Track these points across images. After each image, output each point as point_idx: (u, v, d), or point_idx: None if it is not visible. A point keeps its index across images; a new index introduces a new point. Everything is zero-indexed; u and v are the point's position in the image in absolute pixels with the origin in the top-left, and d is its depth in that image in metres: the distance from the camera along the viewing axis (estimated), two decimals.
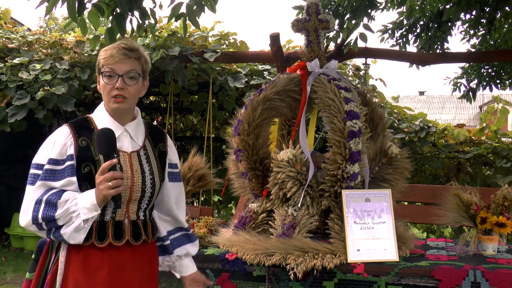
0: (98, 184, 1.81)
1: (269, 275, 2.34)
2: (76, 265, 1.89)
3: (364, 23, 4.56)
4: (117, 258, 1.93)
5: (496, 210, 2.44)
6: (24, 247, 7.46)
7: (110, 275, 1.90)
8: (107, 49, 1.96)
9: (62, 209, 1.83)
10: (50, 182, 1.88)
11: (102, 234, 1.91)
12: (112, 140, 1.86)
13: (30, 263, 2.69)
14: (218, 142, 7.40)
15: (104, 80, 1.94)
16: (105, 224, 1.92)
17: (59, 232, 1.86)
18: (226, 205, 7.85)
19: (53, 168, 1.89)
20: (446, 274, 2.14)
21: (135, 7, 3.58)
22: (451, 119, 29.31)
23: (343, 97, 2.54)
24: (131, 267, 1.96)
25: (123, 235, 1.94)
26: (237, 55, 5.90)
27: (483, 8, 5.25)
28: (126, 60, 1.93)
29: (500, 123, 6.39)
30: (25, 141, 8.32)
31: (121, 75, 1.92)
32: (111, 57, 1.92)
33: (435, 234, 6.41)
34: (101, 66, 1.95)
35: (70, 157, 1.89)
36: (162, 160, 2.07)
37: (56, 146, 1.90)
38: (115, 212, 1.93)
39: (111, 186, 1.80)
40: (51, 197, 1.84)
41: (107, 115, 1.99)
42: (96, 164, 1.89)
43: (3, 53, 6.17)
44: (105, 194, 1.80)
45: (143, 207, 2.00)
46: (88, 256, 1.90)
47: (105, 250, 1.91)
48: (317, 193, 2.51)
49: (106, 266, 1.90)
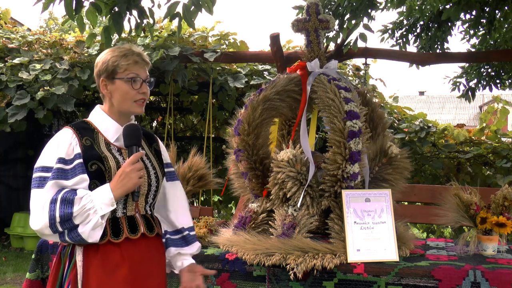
0: (129, 173, 1.87)
1: (269, 275, 2.34)
2: (96, 266, 1.88)
3: (364, 23, 4.57)
4: (135, 253, 1.93)
5: (496, 210, 2.44)
6: (24, 247, 7.46)
7: (131, 271, 1.90)
8: (125, 54, 1.98)
9: (79, 206, 1.82)
10: (62, 181, 1.87)
11: (117, 230, 1.91)
12: (139, 133, 1.98)
13: (30, 263, 2.69)
14: (218, 142, 7.40)
15: (127, 85, 1.98)
16: (118, 220, 1.93)
17: (76, 232, 1.84)
18: (226, 205, 7.85)
19: (63, 167, 1.88)
20: (446, 274, 2.14)
21: (133, 6, 3.57)
22: (451, 119, 29.29)
23: (343, 97, 2.54)
24: (148, 260, 1.98)
25: (138, 228, 1.96)
26: (237, 55, 5.90)
27: (483, 8, 5.25)
28: (146, 66, 2.03)
29: (500, 123, 6.39)
30: (25, 141, 8.33)
31: (144, 80, 2.01)
32: (136, 63, 1.99)
33: (435, 234, 6.41)
34: (122, 71, 1.97)
35: (78, 156, 1.90)
36: (159, 158, 2.12)
37: (62, 147, 1.90)
38: (126, 208, 1.95)
39: (141, 175, 1.90)
40: (66, 194, 1.83)
41: (107, 117, 2.01)
42: (104, 161, 1.91)
43: (3, 53, 6.18)
44: (136, 182, 1.88)
45: (149, 201, 2.04)
46: (107, 254, 1.89)
47: (122, 245, 1.91)
48: (317, 193, 2.51)
49: (126, 262, 1.90)
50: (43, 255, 2.70)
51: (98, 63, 2.02)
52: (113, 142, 1.99)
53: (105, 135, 1.98)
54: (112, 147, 1.97)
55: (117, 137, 2.00)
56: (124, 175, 1.87)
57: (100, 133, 1.98)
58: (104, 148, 1.94)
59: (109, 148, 1.96)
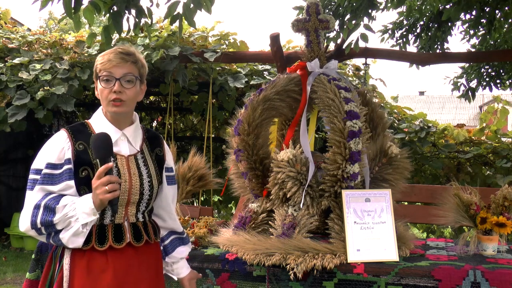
0: (95, 188, 1.81)
1: (269, 275, 2.34)
2: (81, 270, 1.89)
3: (365, 23, 4.57)
4: (121, 260, 1.93)
5: (496, 210, 2.44)
6: (24, 247, 7.47)
7: (116, 277, 1.90)
8: (104, 54, 1.98)
9: (60, 214, 1.83)
10: (48, 186, 1.88)
11: (102, 238, 1.90)
12: (108, 144, 1.87)
13: (30, 263, 2.69)
14: (218, 142, 7.40)
15: (102, 84, 1.95)
16: (105, 227, 1.92)
17: (58, 236, 1.86)
18: (226, 205, 7.86)
19: (51, 172, 1.89)
20: (446, 274, 2.14)
21: (132, 5, 3.57)
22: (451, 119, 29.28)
23: (343, 97, 2.54)
24: (138, 268, 1.96)
25: (123, 237, 1.94)
26: (237, 55, 5.90)
27: (483, 8, 5.25)
28: (123, 64, 1.94)
29: (500, 123, 6.39)
30: (25, 141, 8.33)
31: (118, 78, 1.93)
32: (109, 61, 1.93)
33: (435, 234, 6.41)
34: (98, 71, 1.97)
35: (68, 161, 1.89)
36: (159, 164, 2.09)
37: (54, 151, 1.91)
38: (114, 216, 1.94)
39: (108, 190, 1.79)
40: (49, 202, 1.85)
41: (105, 120, 2.00)
42: (94, 168, 1.89)
43: (3, 53, 6.17)
44: (102, 198, 1.80)
45: (141, 209, 2.01)
46: (92, 259, 1.89)
47: (108, 252, 1.91)
48: (317, 193, 2.51)
49: (111, 268, 1.90)
50: (43, 255, 2.70)
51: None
52: None
53: None
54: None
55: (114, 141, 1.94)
56: (93, 190, 1.83)
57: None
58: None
59: None
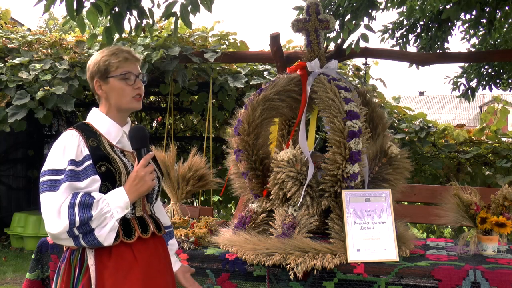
0: (143, 176, 1.90)
1: (269, 275, 2.34)
2: (110, 268, 1.87)
3: (365, 23, 4.57)
4: (145, 253, 1.94)
5: (496, 210, 2.44)
6: (24, 247, 7.46)
7: (144, 271, 1.91)
8: (114, 53, 1.99)
9: (97, 209, 1.82)
10: (75, 183, 1.85)
11: (129, 231, 1.91)
12: (146, 135, 1.99)
13: (30, 263, 2.70)
14: (218, 142, 7.41)
15: (121, 82, 1.98)
16: (129, 220, 1.93)
17: (92, 235, 1.82)
18: (226, 205, 7.86)
19: (75, 169, 1.86)
20: (446, 274, 2.14)
21: (134, 6, 3.58)
22: (451, 119, 29.32)
23: (343, 97, 2.54)
24: (157, 259, 2.00)
25: (148, 228, 1.98)
26: (237, 55, 5.90)
27: (483, 8, 5.26)
28: (136, 63, 2.04)
29: (500, 123, 6.39)
30: (25, 141, 8.32)
31: (137, 75, 2.02)
32: (126, 60, 1.99)
33: (435, 234, 6.41)
34: (114, 69, 1.97)
35: (88, 157, 1.88)
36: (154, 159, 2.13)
37: (71, 149, 1.88)
38: (134, 209, 1.96)
39: (153, 178, 1.92)
40: (84, 198, 1.82)
41: (107, 118, 2.00)
42: (111, 162, 1.90)
43: (3, 53, 6.18)
44: (150, 185, 1.91)
45: (152, 202, 2.07)
46: (120, 256, 1.89)
47: (133, 246, 1.91)
48: (317, 193, 2.51)
49: (139, 262, 1.91)
50: (43, 255, 2.70)
51: (90, 66, 2.02)
52: (116, 144, 1.98)
53: (107, 137, 1.96)
54: (116, 149, 1.96)
55: (118, 138, 1.99)
56: (138, 179, 1.89)
57: (102, 135, 1.96)
58: (109, 150, 1.93)
59: (114, 150, 1.95)
